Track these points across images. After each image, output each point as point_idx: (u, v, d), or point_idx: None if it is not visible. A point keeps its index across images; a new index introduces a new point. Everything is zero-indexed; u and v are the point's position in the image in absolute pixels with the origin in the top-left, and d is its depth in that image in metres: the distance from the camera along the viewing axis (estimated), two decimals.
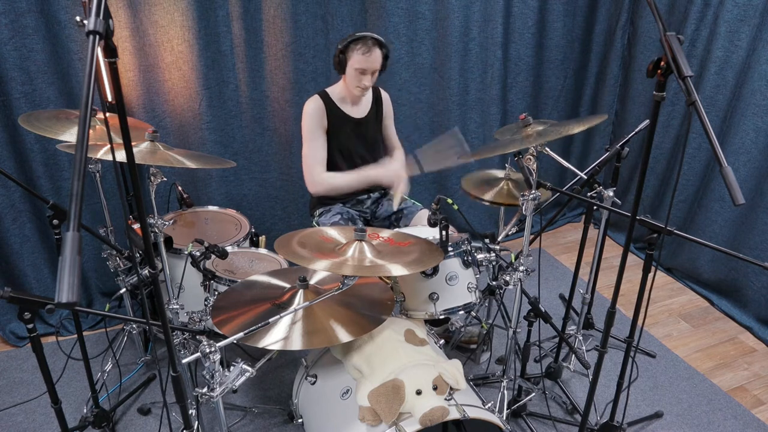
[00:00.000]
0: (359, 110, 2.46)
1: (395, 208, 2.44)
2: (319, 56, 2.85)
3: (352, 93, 2.36)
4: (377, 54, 2.25)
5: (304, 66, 2.83)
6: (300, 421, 1.87)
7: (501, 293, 2.44)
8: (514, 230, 2.28)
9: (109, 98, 2.37)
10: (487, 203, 2.39)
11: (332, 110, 2.36)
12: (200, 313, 2.10)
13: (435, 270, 1.90)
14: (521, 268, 1.93)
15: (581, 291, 2.61)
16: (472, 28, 3.06)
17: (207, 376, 1.44)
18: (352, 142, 2.44)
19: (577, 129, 1.83)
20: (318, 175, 2.38)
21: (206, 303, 2.03)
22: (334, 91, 2.40)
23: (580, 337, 2.62)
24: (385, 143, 2.65)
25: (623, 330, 2.77)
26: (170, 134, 2.72)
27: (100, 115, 2.10)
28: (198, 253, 1.94)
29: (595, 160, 2.29)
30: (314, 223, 2.53)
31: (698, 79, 2.97)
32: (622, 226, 3.71)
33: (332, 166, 2.43)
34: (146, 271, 1.47)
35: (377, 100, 2.52)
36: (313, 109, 2.33)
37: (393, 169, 2.46)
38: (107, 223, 2.31)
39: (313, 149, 2.37)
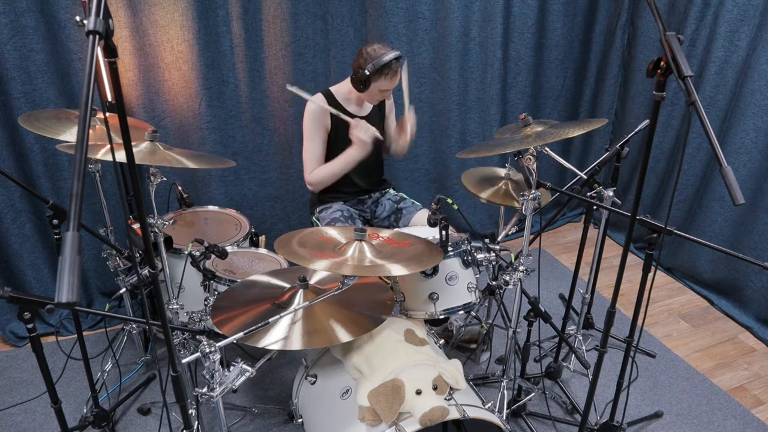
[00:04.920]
0: (363, 109, 2.46)
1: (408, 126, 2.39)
2: (319, 56, 2.85)
3: (361, 97, 2.39)
4: (398, 72, 2.28)
5: (304, 66, 2.83)
6: (300, 421, 1.87)
7: (501, 293, 2.44)
8: (514, 230, 2.28)
9: (109, 98, 2.37)
10: (484, 200, 2.38)
11: (336, 109, 2.36)
12: (200, 313, 2.10)
13: (435, 270, 1.90)
14: (521, 268, 1.93)
15: (581, 291, 2.61)
16: (471, 28, 3.06)
17: (207, 376, 1.44)
18: None
19: (576, 132, 1.83)
20: (310, 172, 2.40)
21: (206, 303, 2.03)
22: (339, 90, 2.40)
23: (580, 337, 2.62)
24: (390, 137, 2.64)
25: (623, 330, 2.77)
26: (170, 134, 2.72)
27: (100, 115, 2.10)
28: (198, 253, 1.94)
29: (595, 159, 2.29)
30: (314, 219, 2.54)
31: (698, 79, 2.97)
32: (622, 226, 3.71)
33: None
34: (146, 271, 1.47)
35: None
36: (316, 108, 2.33)
37: (361, 137, 2.30)
38: (107, 223, 2.31)
39: (312, 148, 2.38)
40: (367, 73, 2.20)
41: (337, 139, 2.40)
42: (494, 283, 2.06)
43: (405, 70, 2.36)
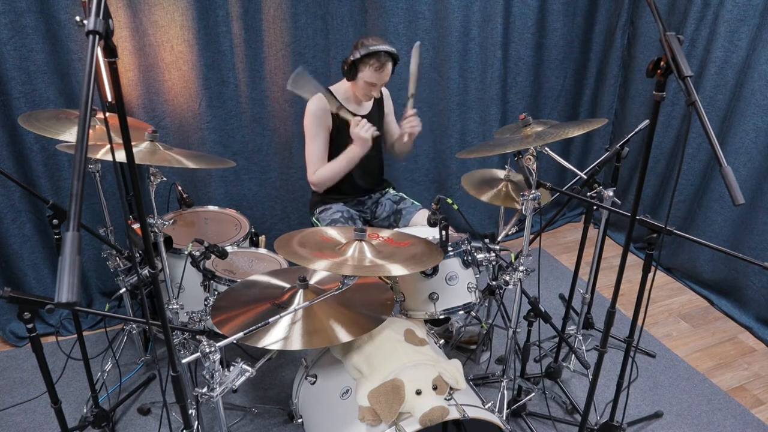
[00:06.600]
0: (362, 108, 2.47)
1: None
2: (319, 56, 2.85)
3: (357, 95, 2.39)
4: (389, 68, 2.26)
5: (304, 66, 2.83)
6: (300, 421, 1.87)
7: (501, 293, 2.44)
8: (514, 230, 2.28)
9: (109, 98, 2.37)
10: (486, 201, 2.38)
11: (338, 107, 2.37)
12: (200, 313, 2.10)
13: (435, 270, 1.90)
14: (521, 268, 1.93)
15: (581, 291, 2.61)
16: (471, 28, 3.06)
17: (207, 376, 1.44)
18: None
19: (576, 132, 1.83)
20: (314, 173, 2.40)
21: (206, 303, 2.03)
22: (339, 89, 2.40)
23: (580, 337, 2.62)
24: (390, 136, 2.65)
25: (623, 330, 2.77)
26: (170, 134, 2.72)
27: (100, 115, 2.10)
28: (198, 253, 1.94)
29: (595, 159, 2.29)
30: (314, 220, 2.54)
31: (698, 79, 2.97)
32: (622, 226, 3.71)
33: None
34: (146, 271, 1.47)
35: (378, 98, 2.53)
36: (317, 107, 2.33)
37: (361, 134, 2.29)
38: (107, 223, 2.31)
39: (314, 148, 2.38)
40: (355, 57, 2.20)
41: (338, 139, 2.40)
42: (494, 283, 2.06)
43: (416, 52, 2.31)
